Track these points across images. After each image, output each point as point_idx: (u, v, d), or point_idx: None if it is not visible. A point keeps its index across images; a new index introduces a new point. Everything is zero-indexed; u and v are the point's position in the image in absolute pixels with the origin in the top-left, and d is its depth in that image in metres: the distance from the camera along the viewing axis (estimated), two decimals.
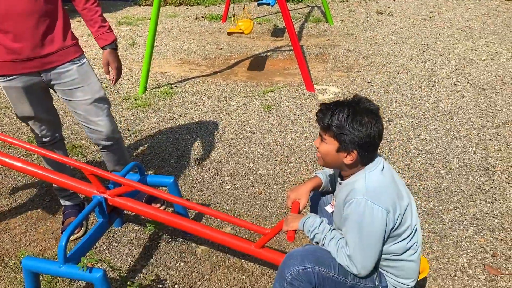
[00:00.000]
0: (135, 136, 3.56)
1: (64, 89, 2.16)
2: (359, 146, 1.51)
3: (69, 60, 2.12)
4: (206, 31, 6.80)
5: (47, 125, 2.29)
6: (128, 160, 2.50)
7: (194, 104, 4.14)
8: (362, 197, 1.48)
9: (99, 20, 2.18)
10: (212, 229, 1.91)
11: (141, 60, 5.44)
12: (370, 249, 1.51)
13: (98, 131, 2.24)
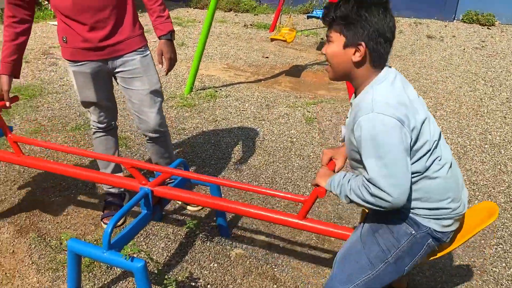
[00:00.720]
0: (178, 134, 3.63)
1: (125, 77, 2.26)
2: (367, 37, 1.39)
3: (134, 49, 2.21)
4: (254, 38, 6.88)
5: (106, 112, 2.39)
6: (172, 154, 2.57)
7: (237, 109, 4.18)
8: (371, 111, 1.35)
9: (157, 10, 2.19)
10: (252, 206, 1.89)
11: (189, 61, 5.56)
12: (396, 166, 1.33)
13: (148, 122, 2.32)
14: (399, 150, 1.34)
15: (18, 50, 2.17)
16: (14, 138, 2.24)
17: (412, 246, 1.51)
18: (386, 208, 1.39)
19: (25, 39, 2.18)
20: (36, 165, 2.23)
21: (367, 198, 1.40)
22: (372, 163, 1.36)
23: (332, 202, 2.75)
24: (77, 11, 2.06)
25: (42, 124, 3.72)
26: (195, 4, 9.18)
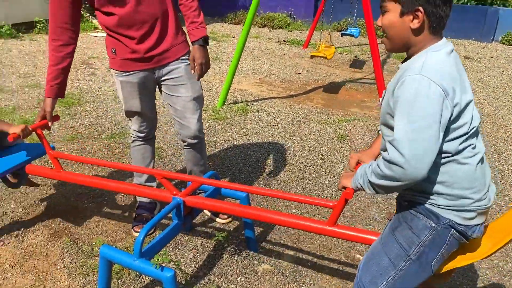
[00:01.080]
0: (210, 146, 3.66)
1: (170, 84, 2.33)
2: (425, 1, 1.33)
3: (178, 57, 2.28)
4: (287, 54, 6.92)
5: (147, 122, 2.47)
6: (206, 163, 2.62)
7: (268, 123, 4.19)
8: (418, 73, 1.28)
9: (191, 16, 2.20)
10: (281, 214, 1.88)
11: (222, 75, 5.64)
12: (424, 134, 1.25)
13: (189, 127, 2.38)
14: (434, 120, 1.27)
15: (63, 73, 2.27)
16: (54, 154, 2.32)
17: (434, 239, 1.41)
18: (401, 179, 1.30)
19: (69, 62, 2.28)
20: (75, 179, 2.31)
21: (384, 170, 1.33)
22: (401, 124, 1.29)
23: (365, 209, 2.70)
24: (124, 26, 2.15)
25: (79, 131, 3.84)
26: (230, 20, 9.34)
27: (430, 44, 1.39)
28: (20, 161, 2.34)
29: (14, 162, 2.33)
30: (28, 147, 2.48)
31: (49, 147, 2.35)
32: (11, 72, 5.37)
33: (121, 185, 2.29)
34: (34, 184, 2.74)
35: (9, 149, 2.41)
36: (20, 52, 6.26)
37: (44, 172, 2.38)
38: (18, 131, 2.13)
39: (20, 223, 2.58)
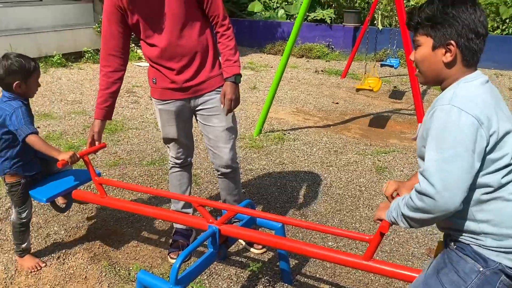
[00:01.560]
0: (245, 174, 3.69)
1: (204, 114, 2.42)
2: (457, 35, 1.31)
3: (214, 88, 2.37)
4: (324, 84, 6.94)
5: (184, 149, 2.56)
6: (241, 193, 2.66)
7: (304, 153, 4.18)
8: (448, 103, 1.26)
9: (227, 54, 2.30)
10: (317, 246, 1.85)
11: (259, 104, 5.71)
12: (455, 163, 1.21)
13: (221, 157, 2.45)
14: (465, 149, 1.23)
15: (112, 97, 2.41)
16: (99, 180, 2.42)
17: (482, 285, 1.32)
18: (433, 211, 1.26)
19: (118, 87, 2.41)
20: (117, 205, 2.40)
21: (416, 202, 1.28)
22: (431, 154, 1.26)
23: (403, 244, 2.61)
24: (165, 58, 2.28)
25: (121, 157, 3.97)
26: (268, 50, 9.52)
27: (463, 76, 1.38)
28: (67, 186, 2.44)
29: (63, 187, 2.42)
30: (76, 173, 2.59)
31: (95, 174, 2.44)
32: (59, 99, 5.66)
33: (159, 211, 2.36)
34: (84, 202, 2.80)
35: (58, 174, 2.52)
36: (69, 80, 6.61)
37: (89, 197, 2.47)
38: (67, 158, 2.23)
39: (62, 245, 2.67)
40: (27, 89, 2.30)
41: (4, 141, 2.29)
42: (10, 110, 2.21)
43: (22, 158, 2.33)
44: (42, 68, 7.07)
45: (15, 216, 2.45)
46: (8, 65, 2.21)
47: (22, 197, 2.39)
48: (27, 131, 2.19)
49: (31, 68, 2.28)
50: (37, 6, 8.14)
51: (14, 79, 2.22)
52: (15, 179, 2.35)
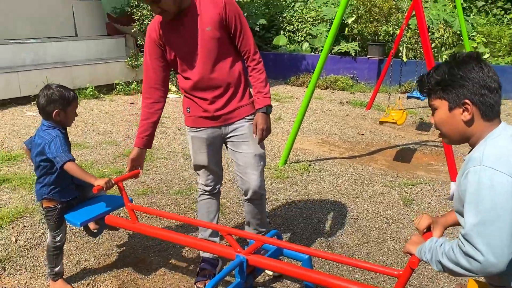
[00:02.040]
0: (271, 205, 3.70)
1: (234, 141, 2.52)
2: (470, 93, 1.33)
3: (243, 116, 2.48)
4: (349, 115, 6.96)
5: (213, 176, 2.64)
6: (265, 218, 2.75)
7: (330, 184, 4.18)
8: (479, 164, 1.28)
9: (258, 86, 2.43)
10: (343, 279, 1.84)
11: (285, 135, 5.77)
12: (494, 226, 1.22)
13: (249, 183, 2.52)
14: (504, 209, 1.23)
15: (152, 126, 2.55)
16: (132, 206, 2.49)
17: None
18: (478, 273, 1.26)
19: (158, 117, 2.55)
20: (148, 231, 2.46)
21: (460, 259, 1.29)
22: (470, 217, 1.28)
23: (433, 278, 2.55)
24: (198, 89, 2.41)
25: (149, 186, 4.06)
26: (293, 82, 9.65)
27: (488, 131, 1.39)
28: (101, 212, 2.51)
29: (96, 212, 2.50)
30: (109, 199, 2.67)
31: (128, 200, 2.51)
32: (91, 129, 5.86)
33: (187, 239, 2.40)
34: (115, 228, 2.86)
35: (92, 200, 2.61)
36: (101, 111, 6.85)
37: (122, 223, 2.53)
38: (102, 184, 2.30)
39: (91, 272, 2.73)
40: (66, 117, 2.42)
41: (43, 168, 2.40)
42: (49, 138, 2.33)
43: (59, 184, 2.44)
44: None
45: (50, 239, 2.52)
46: (49, 94, 2.36)
47: (58, 222, 2.47)
48: (64, 158, 2.30)
49: (71, 97, 2.42)
50: (72, 41, 8.57)
51: (54, 107, 2.35)
52: (52, 204, 2.44)
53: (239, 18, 2.37)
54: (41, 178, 2.43)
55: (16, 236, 3.07)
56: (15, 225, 3.21)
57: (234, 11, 2.35)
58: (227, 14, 2.32)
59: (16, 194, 3.72)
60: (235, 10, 2.36)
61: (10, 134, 5.48)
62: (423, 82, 1.46)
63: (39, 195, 2.45)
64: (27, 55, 7.73)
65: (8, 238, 3.04)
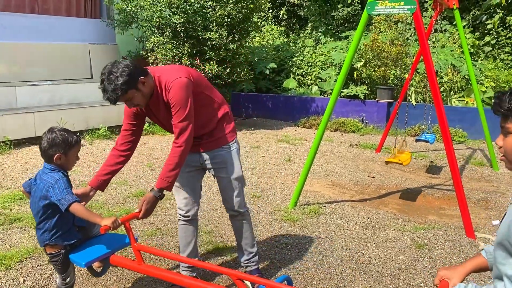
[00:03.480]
0: (281, 248, 3.65)
1: (213, 167, 2.86)
2: None
3: (220, 146, 2.82)
4: (359, 158, 6.96)
5: (187, 201, 2.91)
6: (253, 237, 3.07)
7: (341, 227, 4.13)
8: None
9: (165, 167, 2.58)
10: None
11: (294, 176, 5.76)
12: None
13: (229, 202, 2.93)
14: None
15: (111, 173, 2.74)
16: (138, 247, 2.49)
17: None
18: None
19: (119, 168, 2.77)
20: (154, 273, 2.43)
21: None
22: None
23: None
24: None
25: (158, 227, 4.04)
26: (303, 124, 9.74)
27: None
28: (106, 251, 2.51)
29: (101, 252, 2.49)
30: (113, 237, 2.67)
31: (134, 240, 2.51)
32: None
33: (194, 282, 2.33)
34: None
35: (95, 238, 2.61)
36: None
37: (127, 264, 2.51)
38: (109, 224, 2.31)
39: None
40: (66, 161, 2.45)
41: (43, 213, 2.40)
42: (52, 181, 2.35)
43: (60, 228, 2.43)
44: (88, 139, 7.50)
45: (59, 281, 2.51)
46: (52, 138, 2.40)
47: (64, 265, 2.47)
48: (70, 200, 2.30)
49: (73, 141, 2.45)
50: (88, 83, 8.83)
51: (56, 151, 2.39)
52: (56, 249, 2.44)
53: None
54: (41, 224, 2.42)
55: (24, 277, 3.05)
56: (24, 265, 3.20)
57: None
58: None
59: (26, 234, 3.73)
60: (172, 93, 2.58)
61: (23, 173, 5.56)
62: (502, 101, 1.33)
63: (41, 241, 2.45)
64: (43, 96, 7.96)
65: (16, 279, 3.02)
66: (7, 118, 6.89)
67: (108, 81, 2.42)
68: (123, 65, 2.45)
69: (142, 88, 2.51)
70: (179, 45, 8.20)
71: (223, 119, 2.86)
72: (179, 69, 2.65)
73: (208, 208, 4.53)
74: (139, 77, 2.49)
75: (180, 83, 2.55)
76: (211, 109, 2.81)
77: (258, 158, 6.75)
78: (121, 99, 2.49)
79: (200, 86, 2.71)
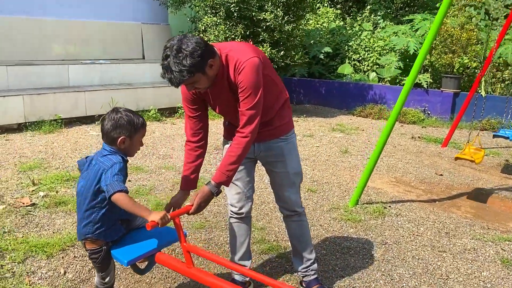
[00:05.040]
0: (342, 253, 3.24)
1: (269, 160, 2.53)
2: None
3: (278, 136, 2.47)
4: (423, 152, 6.36)
5: (239, 196, 2.57)
6: (310, 240, 2.70)
7: (410, 232, 3.65)
8: None
9: (225, 159, 2.26)
10: None
11: (352, 170, 5.30)
12: None
13: (285, 201, 2.59)
14: None
15: (196, 170, 2.50)
16: (188, 247, 2.16)
17: None
18: None
19: (201, 161, 2.49)
20: (204, 280, 2.10)
21: None
22: None
23: None
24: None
25: (207, 219, 3.74)
26: (359, 113, 9.16)
27: None
28: (151, 248, 2.20)
29: (146, 249, 2.19)
30: (160, 232, 2.31)
31: (184, 239, 2.18)
32: (152, 152, 5.72)
33: None
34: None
35: (140, 231, 2.30)
36: (162, 134, 6.75)
37: (175, 265, 2.19)
38: (157, 220, 1.98)
39: None
40: (131, 145, 2.16)
41: (92, 201, 2.10)
42: (108, 164, 2.06)
43: (106, 222, 2.15)
44: None
45: (98, 280, 2.26)
46: (117, 119, 2.10)
47: (104, 263, 2.19)
48: (117, 187, 1.99)
49: (139, 124, 2.15)
50: (139, 63, 8.69)
51: (120, 133, 2.10)
52: (97, 245, 2.16)
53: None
54: (86, 213, 2.12)
55: (65, 268, 2.83)
56: (66, 254, 2.99)
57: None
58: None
59: (71, 219, 3.54)
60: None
61: (72, 153, 5.45)
62: None
63: (82, 234, 2.16)
64: (95, 75, 7.88)
65: (57, 270, 2.81)
66: (59, 96, 6.85)
67: (175, 60, 2.03)
68: (194, 43, 2.05)
69: (209, 71, 2.15)
70: (232, 26, 7.84)
71: (283, 107, 2.50)
72: (251, 48, 2.26)
73: (259, 200, 4.18)
74: (209, 58, 2.13)
75: (253, 65, 2.17)
76: (274, 95, 2.42)
77: (312, 148, 6.32)
78: (184, 83, 2.14)
79: (266, 68, 2.32)
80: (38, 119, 6.60)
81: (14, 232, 3.24)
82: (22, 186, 4.17)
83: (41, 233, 3.27)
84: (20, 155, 5.23)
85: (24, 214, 3.55)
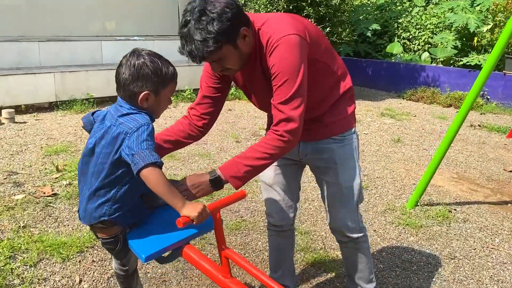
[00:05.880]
0: (403, 268, 2.73)
1: (317, 165, 1.99)
2: None
3: (330, 136, 1.92)
4: (486, 143, 5.65)
5: (279, 206, 2.11)
6: (368, 271, 2.13)
7: (482, 243, 3.07)
8: None
9: (248, 152, 1.70)
10: None
11: (407, 162, 4.70)
12: None
13: (335, 220, 2.03)
14: None
15: (175, 144, 1.94)
16: (227, 253, 1.66)
17: None
18: None
19: (187, 143, 1.95)
20: None
21: None
22: None
23: None
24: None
25: (244, 218, 3.30)
26: (409, 96, 8.42)
27: None
28: (177, 239, 1.66)
29: (171, 240, 1.65)
30: None
31: (224, 241, 1.68)
32: None
33: None
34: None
35: (164, 214, 1.75)
36: None
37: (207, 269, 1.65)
38: (193, 216, 1.47)
39: None
40: (156, 103, 1.61)
41: (109, 174, 1.56)
42: (133, 126, 1.52)
43: (127, 202, 1.62)
44: (173, 101, 6.98)
45: (117, 266, 1.83)
46: (138, 66, 1.55)
47: (123, 249, 1.69)
48: (149, 158, 1.44)
49: (169, 74, 1.61)
50: (175, 40, 8.26)
51: (142, 87, 1.56)
52: (112, 232, 1.65)
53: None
54: (102, 190, 1.58)
55: (81, 275, 2.47)
56: (83, 258, 2.63)
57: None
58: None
59: None
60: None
61: None
62: None
63: (95, 217, 1.61)
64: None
65: (71, 277, 2.45)
66: (91, 74, 6.54)
67: (198, 25, 1.52)
68: (223, 3, 1.54)
69: (242, 45, 1.62)
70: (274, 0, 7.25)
71: (341, 99, 1.92)
72: (291, 21, 1.68)
73: (302, 197, 3.68)
74: (242, 26, 1.60)
75: (289, 44, 1.61)
76: (327, 85, 1.87)
77: (360, 136, 5.73)
78: (209, 58, 1.61)
79: (317, 51, 1.75)
80: (70, 98, 6.34)
81: (30, 228, 2.91)
82: (46, 173, 3.86)
83: (59, 230, 2.93)
84: (48, 137, 4.95)
85: (44, 206, 3.23)
